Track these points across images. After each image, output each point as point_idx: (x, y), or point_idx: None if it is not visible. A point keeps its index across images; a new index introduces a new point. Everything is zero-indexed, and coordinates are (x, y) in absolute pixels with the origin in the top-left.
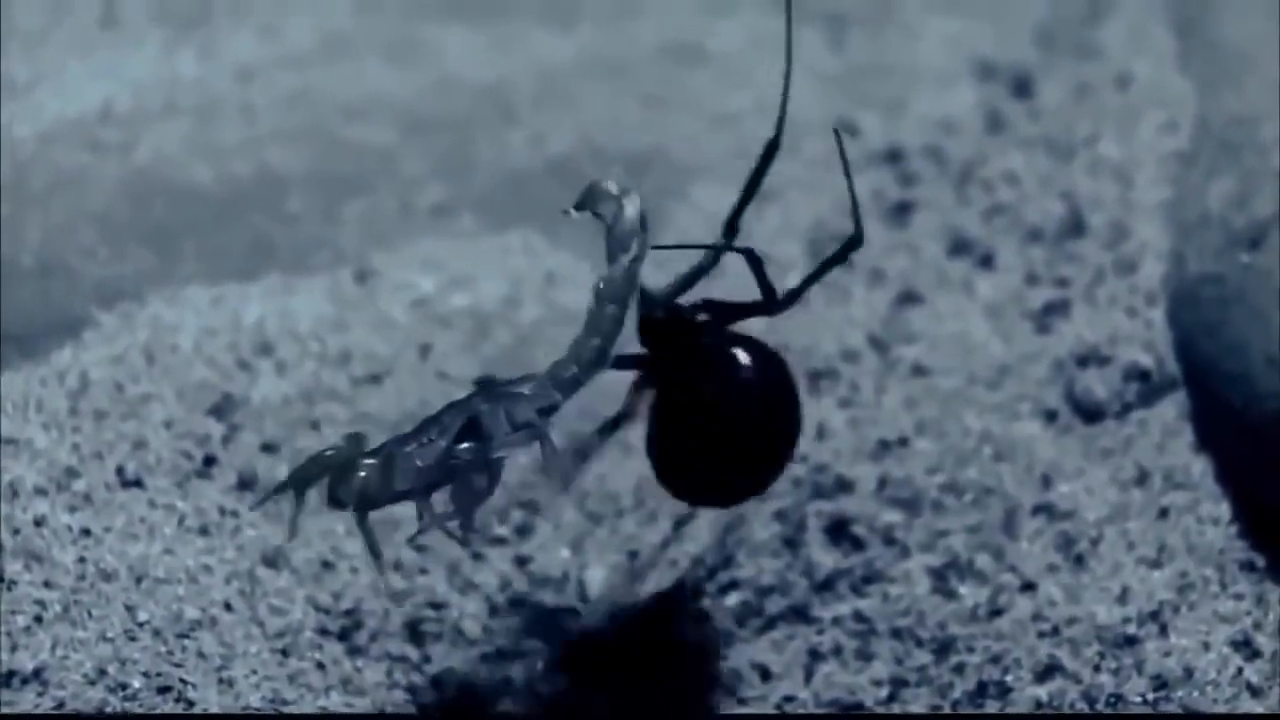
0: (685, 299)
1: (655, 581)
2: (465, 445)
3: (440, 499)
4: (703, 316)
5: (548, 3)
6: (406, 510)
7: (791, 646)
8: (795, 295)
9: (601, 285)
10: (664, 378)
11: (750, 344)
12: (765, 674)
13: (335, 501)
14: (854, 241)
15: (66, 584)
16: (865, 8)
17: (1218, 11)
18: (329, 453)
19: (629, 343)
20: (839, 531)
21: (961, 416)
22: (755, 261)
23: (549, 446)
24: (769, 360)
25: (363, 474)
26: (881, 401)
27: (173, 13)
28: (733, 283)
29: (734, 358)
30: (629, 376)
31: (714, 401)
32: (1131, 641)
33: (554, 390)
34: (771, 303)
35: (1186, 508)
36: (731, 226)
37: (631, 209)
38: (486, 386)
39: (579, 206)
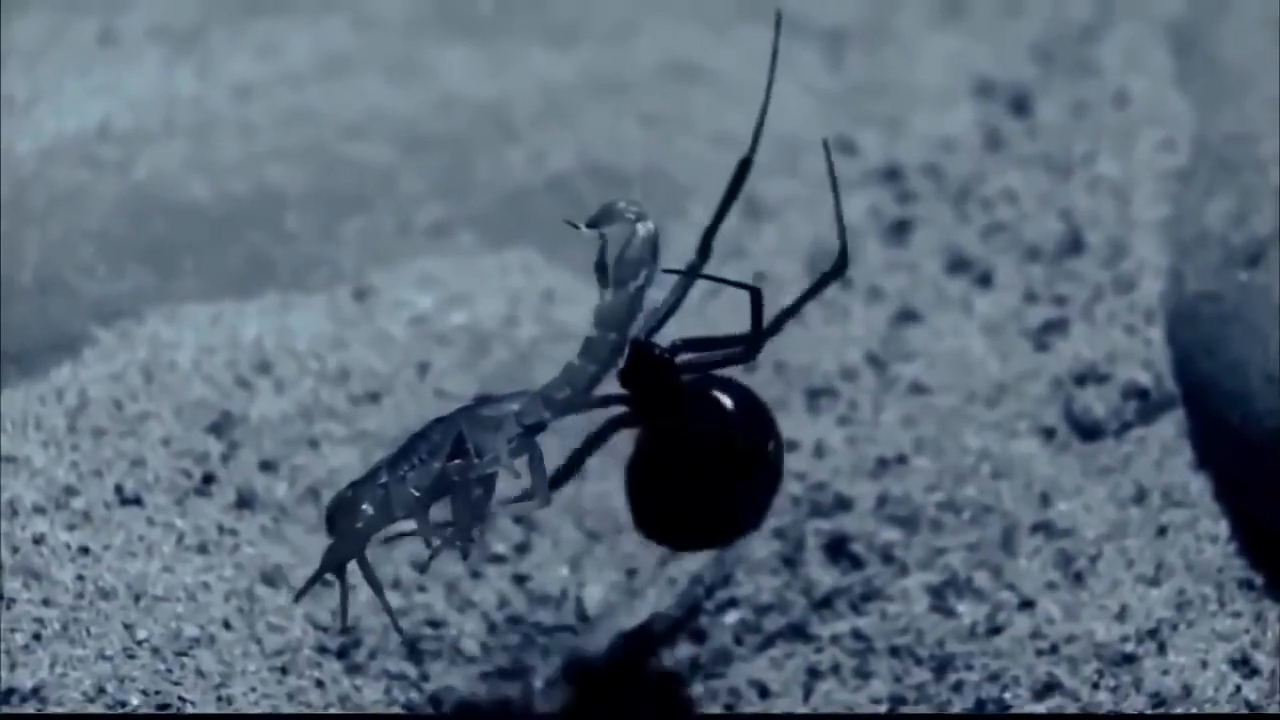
0: (663, 334)
1: (654, 599)
2: (457, 463)
3: (437, 514)
4: (683, 357)
5: (548, 21)
6: (406, 529)
7: (790, 664)
8: (772, 332)
9: (602, 310)
10: (643, 420)
11: (731, 388)
12: (764, 692)
13: (336, 534)
14: (837, 270)
15: (65, 602)
16: (864, 26)
17: (1216, 29)
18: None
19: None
20: (838, 549)
21: (960, 434)
22: (758, 301)
23: (538, 464)
24: (751, 406)
25: (363, 507)
26: (880, 419)
27: (171, 31)
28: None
29: (715, 404)
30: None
31: (694, 450)
32: (1130, 659)
33: (544, 409)
34: (752, 347)
35: (1185, 525)
36: (706, 247)
37: (644, 234)
38: (475, 403)
39: (591, 224)
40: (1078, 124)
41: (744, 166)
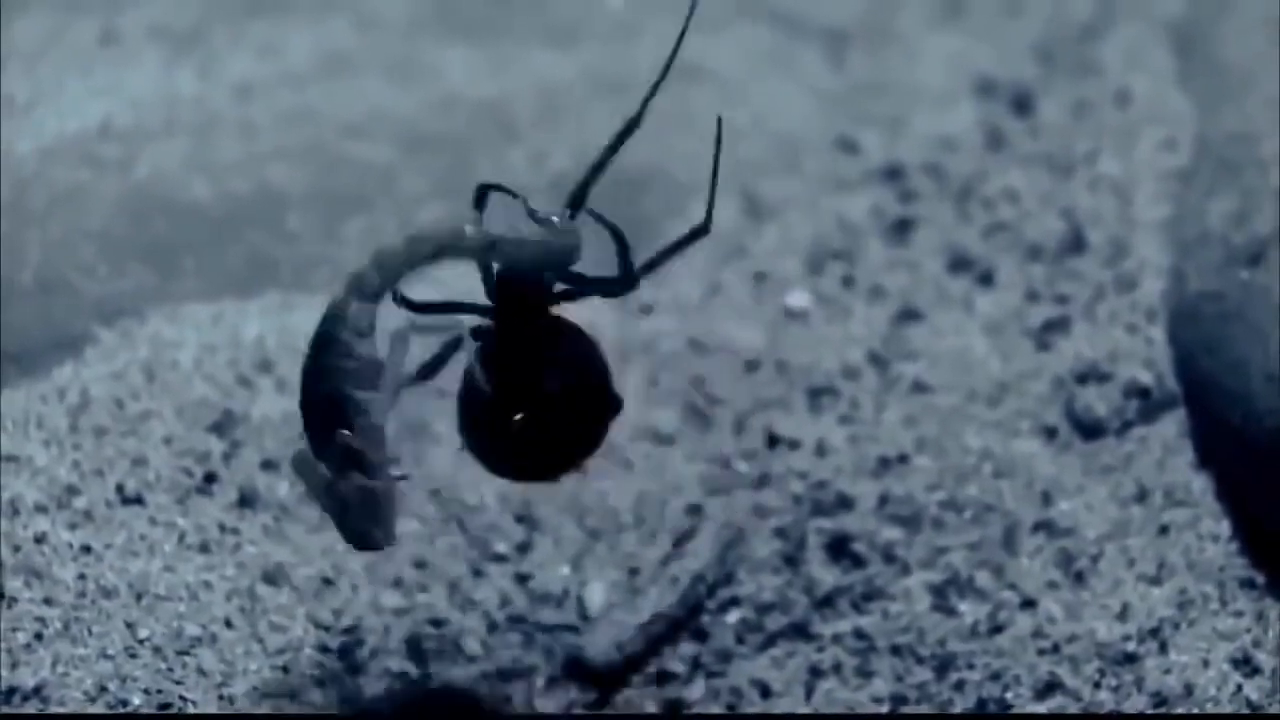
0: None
1: (655, 598)
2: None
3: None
4: (559, 286)
5: (548, 21)
6: (408, 527)
7: (792, 664)
8: (643, 273)
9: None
10: (497, 347)
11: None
12: (765, 691)
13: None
14: (701, 230)
15: (67, 601)
16: (865, 25)
17: (1217, 29)
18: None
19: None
20: (839, 548)
21: (961, 433)
22: (621, 240)
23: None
24: (588, 344)
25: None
26: (881, 418)
27: (172, 30)
28: None
29: (570, 336)
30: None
31: (541, 379)
32: (1131, 659)
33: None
34: (624, 280)
35: (1186, 525)
36: (578, 200)
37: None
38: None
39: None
40: (1079, 123)
41: (630, 126)
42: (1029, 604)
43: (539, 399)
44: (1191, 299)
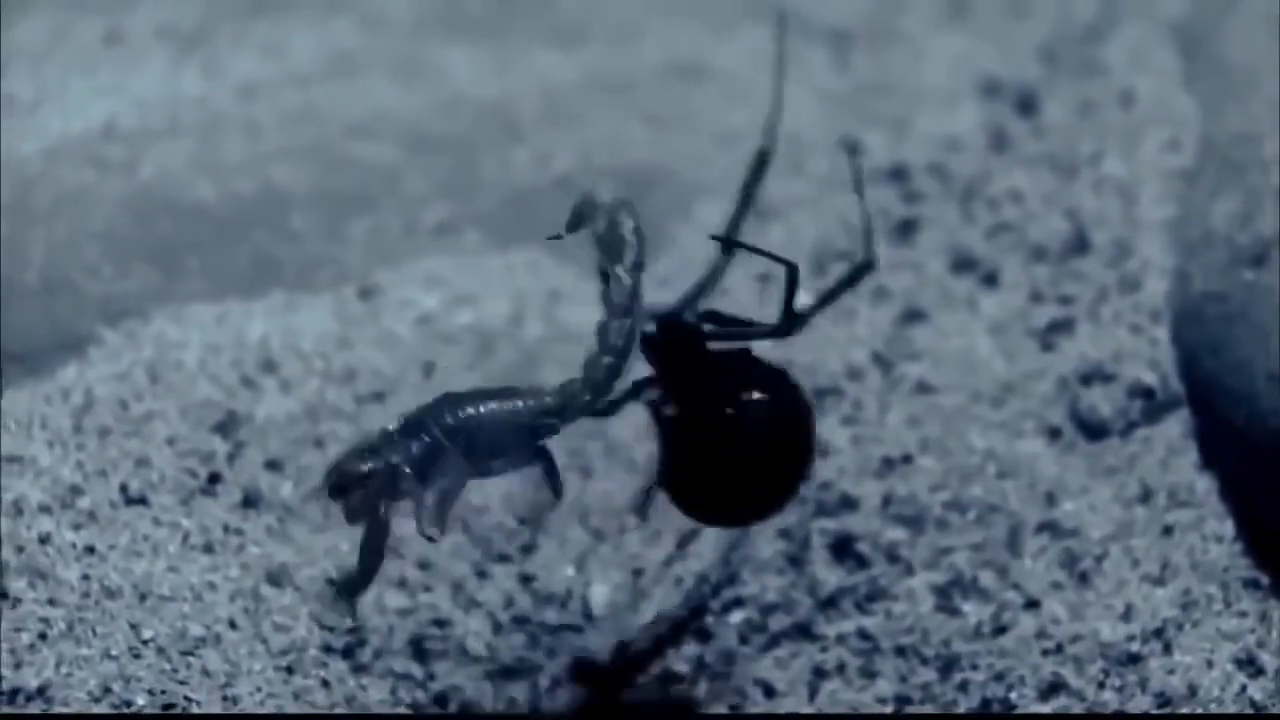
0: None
1: (659, 599)
2: (463, 456)
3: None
4: (709, 328)
5: (553, 22)
6: (409, 529)
7: (796, 664)
8: (805, 319)
9: (608, 298)
10: (672, 394)
11: (758, 361)
12: (769, 691)
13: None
14: (865, 266)
15: (71, 601)
16: (869, 26)
17: (1222, 29)
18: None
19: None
20: (843, 549)
21: (965, 434)
22: (793, 278)
23: (552, 472)
24: (781, 377)
25: (368, 482)
26: (885, 419)
27: (177, 30)
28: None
29: (746, 372)
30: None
31: (728, 419)
32: (1135, 659)
33: (559, 416)
34: (785, 324)
35: (1190, 525)
36: (730, 242)
37: (625, 216)
38: (486, 392)
39: (570, 227)
40: (1083, 124)
41: (761, 160)
42: (1033, 604)
43: (740, 435)
44: (1195, 300)
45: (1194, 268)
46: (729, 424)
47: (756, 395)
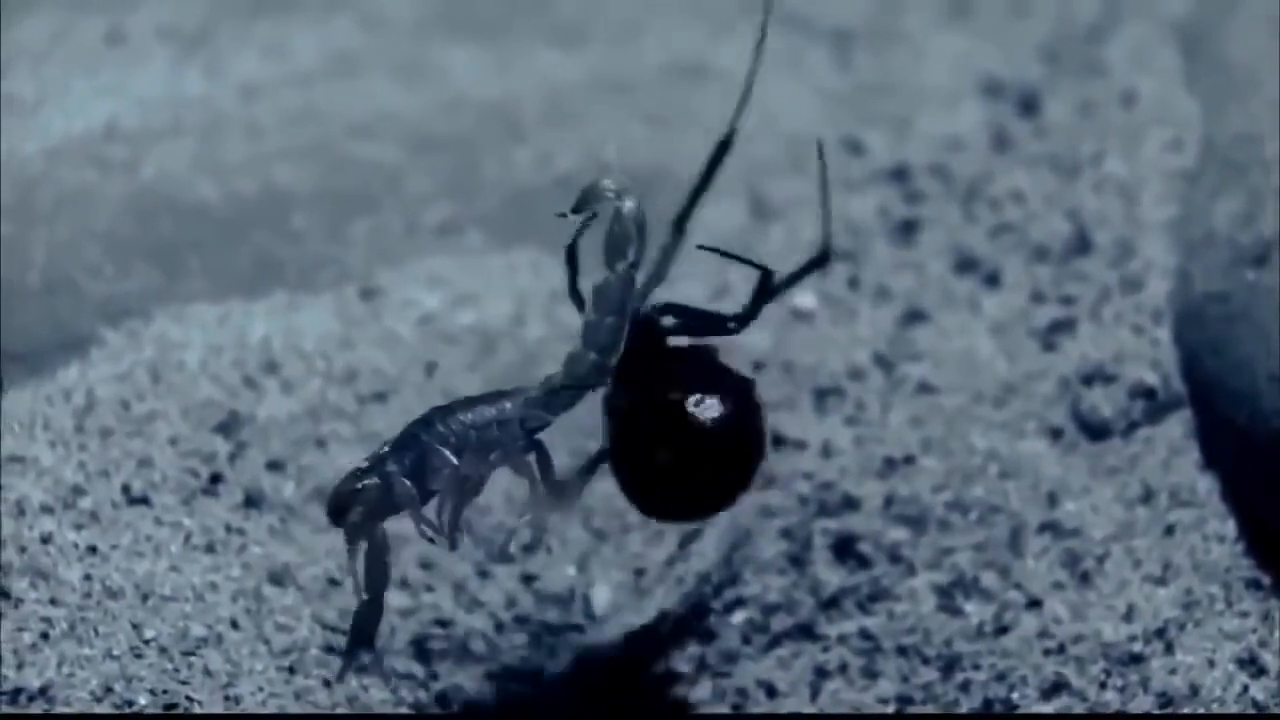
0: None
1: (661, 599)
2: (458, 460)
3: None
4: (667, 320)
5: (554, 22)
6: (410, 528)
7: (798, 664)
8: (754, 312)
9: (596, 294)
10: (625, 386)
11: (713, 358)
12: (771, 691)
13: (338, 523)
14: (821, 259)
15: (73, 601)
16: (871, 26)
17: (1223, 29)
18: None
19: None
20: (845, 549)
21: (967, 434)
22: (765, 280)
23: (548, 467)
24: (733, 375)
25: (366, 497)
26: (887, 419)
27: (179, 31)
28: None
29: (698, 368)
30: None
31: (674, 413)
32: (1137, 659)
33: (545, 408)
34: (740, 320)
35: (1192, 525)
36: (680, 225)
37: (628, 210)
38: (472, 399)
39: (576, 209)
40: (1085, 124)
41: (722, 147)
42: (1034, 604)
43: (688, 430)
44: (1197, 300)
45: (1196, 268)
46: (674, 418)
47: (704, 391)
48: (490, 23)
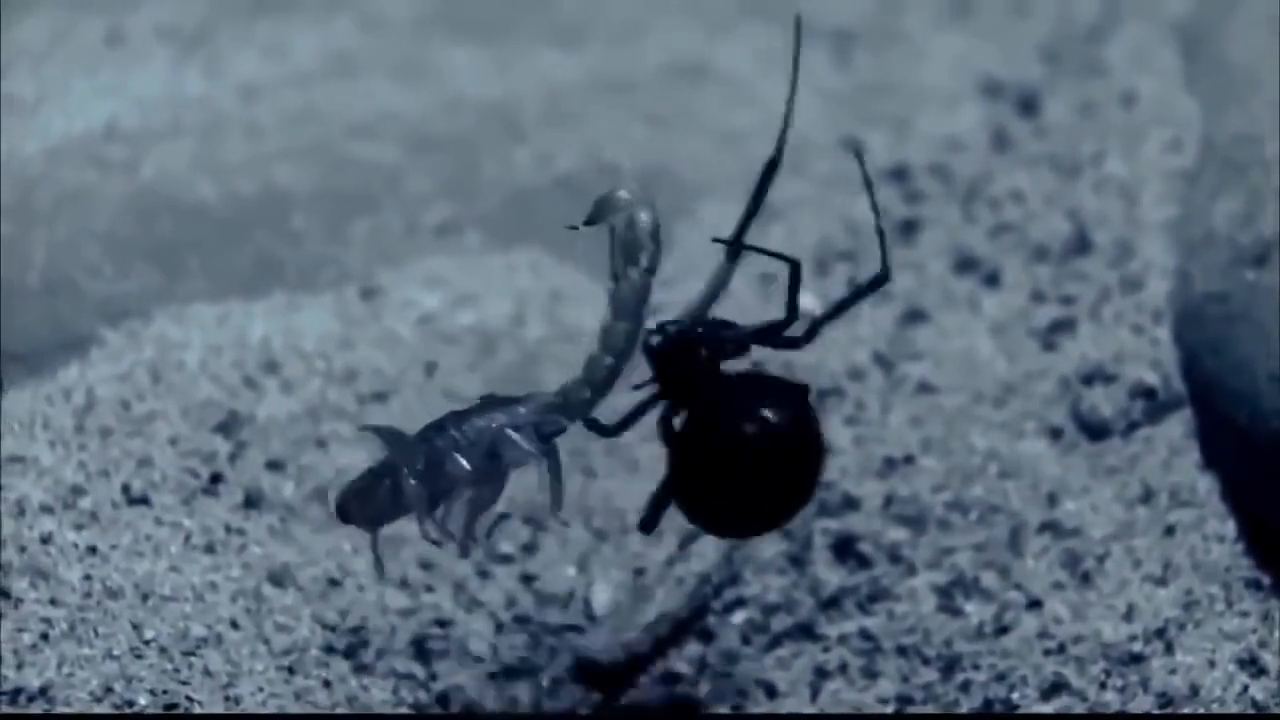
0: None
1: (661, 599)
2: (473, 465)
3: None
4: (717, 338)
5: (554, 22)
6: (411, 528)
7: (797, 664)
8: (816, 330)
9: (614, 299)
10: (681, 408)
11: (768, 375)
12: (771, 691)
13: (346, 519)
14: (881, 279)
15: (72, 601)
16: (871, 26)
17: (1223, 30)
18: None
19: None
20: (845, 549)
21: (967, 434)
22: (796, 275)
23: (556, 473)
24: (793, 390)
25: (375, 494)
26: (887, 419)
27: (179, 31)
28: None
29: (755, 386)
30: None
31: (741, 433)
32: (1137, 659)
33: (562, 413)
34: (796, 329)
35: (1192, 525)
36: (735, 249)
37: (645, 217)
38: (491, 402)
39: (590, 220)
40: (1085, 124)
41: (770, 167)
42: (1035, 604)
43: (749, 445)
44: (1197, 300)
45: (1195, 268)
46: (737, 439)
47: (766, 410)
48: (490, 23)
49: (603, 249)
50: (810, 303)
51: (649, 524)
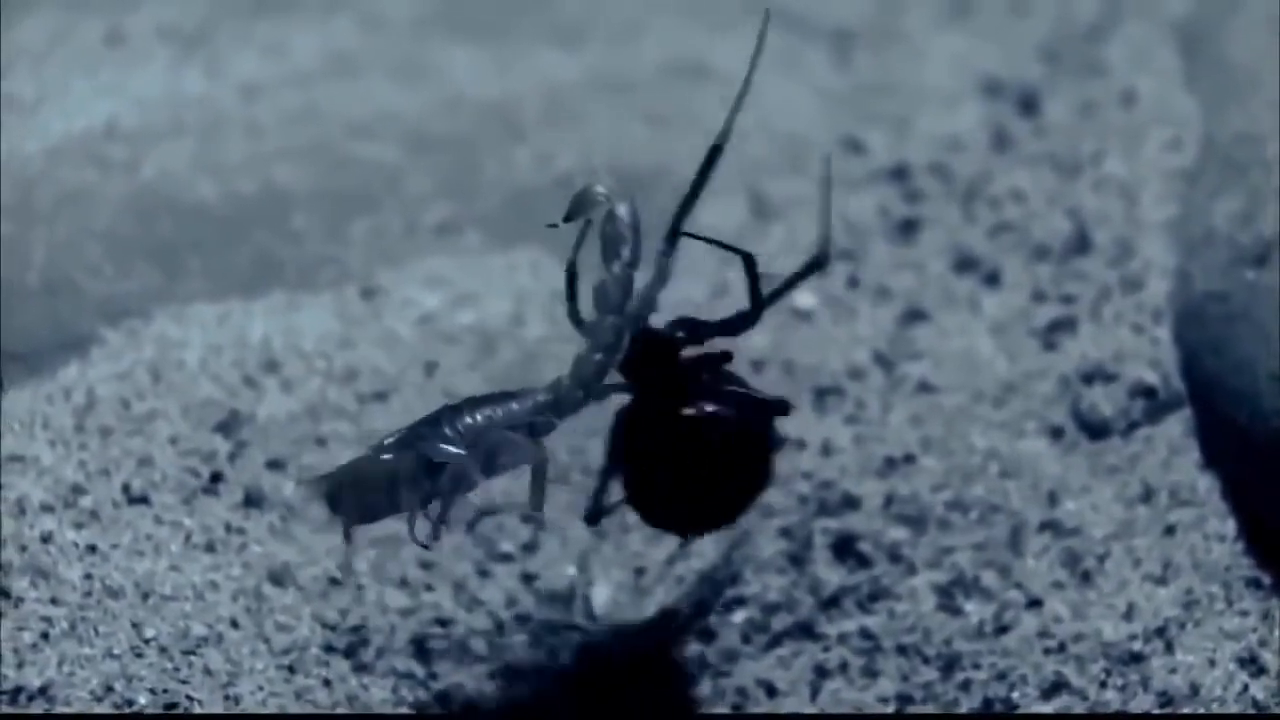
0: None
1: (661, 598)
2: (463, 460)
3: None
4: (679, 334)
5: (554, 21)
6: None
7: (798, 663)
8: (759, 313)
9: (598, 294)
10: (640, 400)
11: (729, 373)
12: (771, 691)
13: (336, 512)
14: (817, 262)
15: (73, 601)
16: (871, 26)
17: (1223, 29)
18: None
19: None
20: (845, 548)
21: (967, 434)
22: (751, 266)
23: (541, 475)
24: (745, 394)
25: (365, 487)
26: (887, 419)
27: (179, 30)
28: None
29: (712, 383)
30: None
31: (694, 429)
32: (1137, 658)
33: (554, 411)
34: (750, 315)
35: (1192, 524)
36: (674, 233)
37: (623, 213)
38: (480, 400)
39: (569, 217)
40: (1085, 124)
41: (714, 152)
42: (1035, 604)
43: (702, 446)
44: (1197, 299)
45: (1195, 267)
46: (686, 432)
47: (716, 407)
48: (490, 23)
49: (575, 242)
50: (810, 301)
51: (594, 517)
